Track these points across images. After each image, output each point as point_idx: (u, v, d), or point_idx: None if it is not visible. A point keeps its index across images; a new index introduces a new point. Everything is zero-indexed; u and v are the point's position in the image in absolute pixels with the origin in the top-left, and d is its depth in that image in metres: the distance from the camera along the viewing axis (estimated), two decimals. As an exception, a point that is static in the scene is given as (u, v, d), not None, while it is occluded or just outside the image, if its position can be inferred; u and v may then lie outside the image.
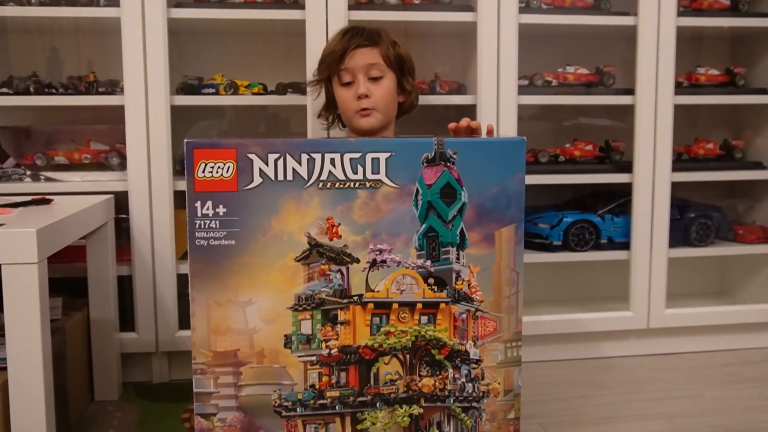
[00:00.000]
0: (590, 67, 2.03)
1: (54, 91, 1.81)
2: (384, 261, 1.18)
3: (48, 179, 1.82)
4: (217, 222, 1.14)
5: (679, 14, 1.95)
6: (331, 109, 1.63)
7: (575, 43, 2.15)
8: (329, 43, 1.58)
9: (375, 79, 1.53)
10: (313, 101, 1.74)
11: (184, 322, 1.81)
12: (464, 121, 1.41)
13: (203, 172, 1.13)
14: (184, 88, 1.85)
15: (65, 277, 1.79)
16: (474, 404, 1.22)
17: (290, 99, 1.86)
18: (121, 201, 1.77)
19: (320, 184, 1.15)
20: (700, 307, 2.10)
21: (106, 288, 1.71)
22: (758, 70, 2.15)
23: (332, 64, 1.54)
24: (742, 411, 1.68)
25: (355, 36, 1.53)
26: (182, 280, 1.81)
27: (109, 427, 1.59)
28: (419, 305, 1.19)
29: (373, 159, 1.15)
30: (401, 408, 1.20)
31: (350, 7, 1.79)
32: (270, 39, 2.04)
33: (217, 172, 1.13)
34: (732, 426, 1.60)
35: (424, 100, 1.89)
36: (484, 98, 1.86)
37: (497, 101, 1.87)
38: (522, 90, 1.91)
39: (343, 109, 1.57)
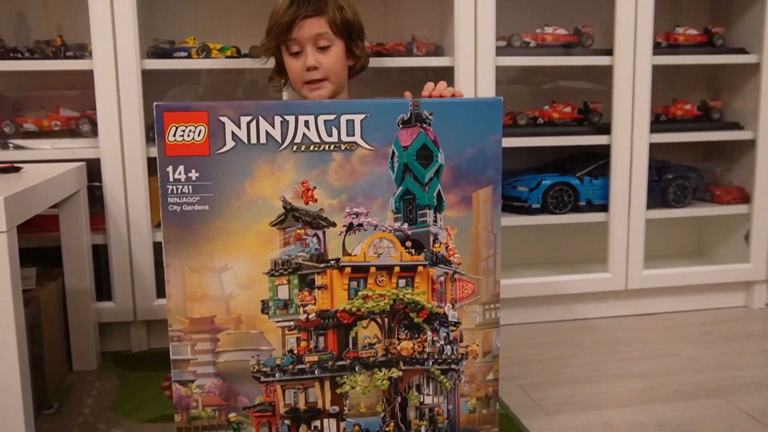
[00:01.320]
0: (569, 28, 2.01)
1: (20, 55, 1.75)
2: (360, 224, 1.16)
3: (17, 147, 1.78)
4: (190, 187, 1.12)
5: (658, -27, 1.93)
6: (282, 73, 1.60)
7: (553, 3, 2.12)
8: (276, 12, 1.54)
9: (323, 49, 1.50)
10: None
11: (162, 290, 1.79)
12: (441, 85, 1.39)
13: (174, 136, 1.10)
14: (155, 51, 1.80)
15: (39, 246, 1.76)
16: (453, 366, 1.23)
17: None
18: (93, 168, 1.74)
19: (294, 147, 1.13)
20: (677, 268, 2.13)
21: (80, 257, 1.68)
22: (736, 30, 2.14)
23: (280, 35, 1.51)
24: (718, 368, 1.71)
25: (301, 5, 1.49)
26: (158, 248, 1.77)
27: (88, 396, 1.58)
28: (397, 268, 1.18)
29: (347, 121, 1.13)
30: (380, 371, 1.20)
31: (324, -33, 1.75)
32: (243, 0, 1.99)
33: (188, 135, 1.11)
34: (707, 383, 1.62)
35: (401, 62, 1.87)
36: (461, 60, 1.84)
37: (475, 63, 1.84)
38: (500, 51, 1.89)
39: (293, 78, 1.54)
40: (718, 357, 1.78)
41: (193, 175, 1.12)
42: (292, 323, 1.18)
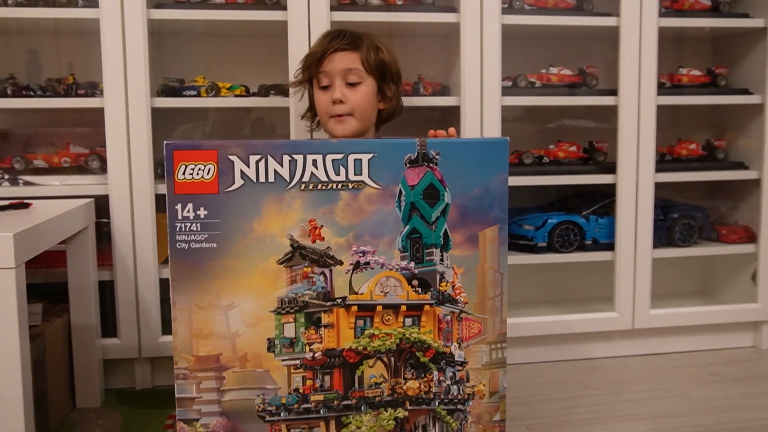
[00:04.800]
0: (573, 68, 2.03)
1: (32, 93, 1.78)
2: (367, 263, 1.16)
3: (27, 183, 1.79)
4: (198, 224, 1.13)
5: (661, 15, 1.96)
6: (313, 111, 1.62)
7: (558, 44, 2.15)
8: (312, 45, 1.57)
9: (352, 85, 1.50)
10: (297, 103, 1.73)
11: (167, 327, 1.78)
12: (441, 133, 1.40)
13: (183, 174, 1.12)
14: (165, 90, 1.83)
15: (45, 282, 1.76)
16: (459, 406, 1.21)
17: (273, 101, 1.85)
18: (101, 205, 1.75)
19: (302, 186, 1.14)
20: (684, 308, 2.11)
21: (87, 293, 1.69)
22: (739, 71, 2.16)
23: (311, 66, 1.53)
24: (726, 410, 1.69)
25: (335, 39, 1.51)
26: (165, 285, 1.79)
27: (91, 434, 1.57)
28: (403, 307, 1.18)
29: (355, 160, 1.15)
30: (386, 411, 1.19)
31: (332, 8, 1.78)
32: (252, 40, 2.03)
33: (197, 173, 1.12)
34: (716, 425, 1.60)
35: (408, 101, 1.89)
36: (467, 100, 1.86)
37: (481, 102, 1.86)
38: (506, 91, 1.91)
39: (319, 112, 1.55)
40: (728, 398, 1.76)
41: (202, 212, 1.13)
42: (298, 362, 1.17)
